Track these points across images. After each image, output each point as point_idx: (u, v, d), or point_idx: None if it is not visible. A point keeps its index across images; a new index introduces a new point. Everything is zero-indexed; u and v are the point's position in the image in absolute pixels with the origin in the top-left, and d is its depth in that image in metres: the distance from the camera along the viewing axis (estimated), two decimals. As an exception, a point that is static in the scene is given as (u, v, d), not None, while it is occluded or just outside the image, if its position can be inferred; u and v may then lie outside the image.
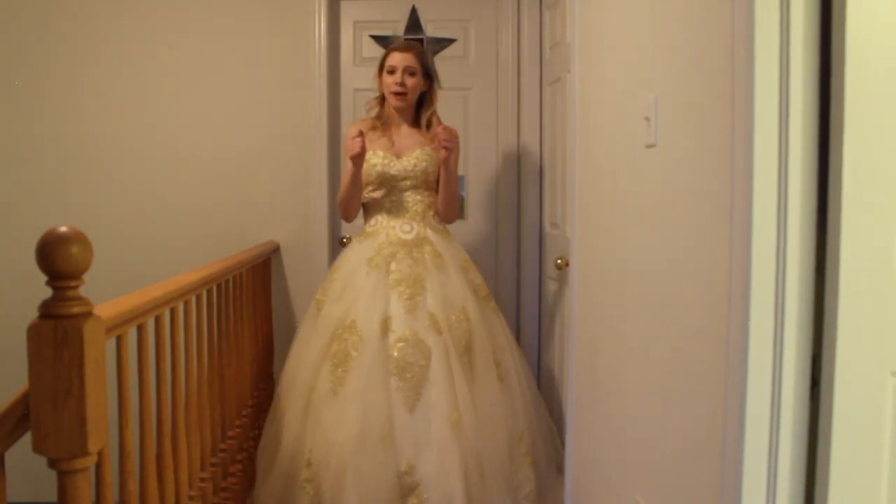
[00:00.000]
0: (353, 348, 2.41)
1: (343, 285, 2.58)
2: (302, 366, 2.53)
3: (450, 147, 2.53)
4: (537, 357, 3.27)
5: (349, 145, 2.50)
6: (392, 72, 2.62)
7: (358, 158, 2.51)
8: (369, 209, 2.72)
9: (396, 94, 2.62)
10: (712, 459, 1.31)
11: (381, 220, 2.65)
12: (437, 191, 2.71)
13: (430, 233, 2.64)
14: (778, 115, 1.17)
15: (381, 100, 2.72)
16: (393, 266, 2.53)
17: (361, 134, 2.48)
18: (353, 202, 2.66)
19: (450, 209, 2.71)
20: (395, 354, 2.39)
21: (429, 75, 2.67)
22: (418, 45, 2.73)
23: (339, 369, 2.41)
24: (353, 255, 2.64)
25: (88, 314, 1.20)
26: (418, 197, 2.66)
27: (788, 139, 1.16)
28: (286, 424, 2.46)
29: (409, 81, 2.62)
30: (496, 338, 2.60)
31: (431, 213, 2.68)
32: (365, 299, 2.48)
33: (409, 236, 2.60)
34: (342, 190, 2.65)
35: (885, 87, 1.12)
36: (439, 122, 2.71)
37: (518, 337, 3.33)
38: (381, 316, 2.45)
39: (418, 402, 2.36)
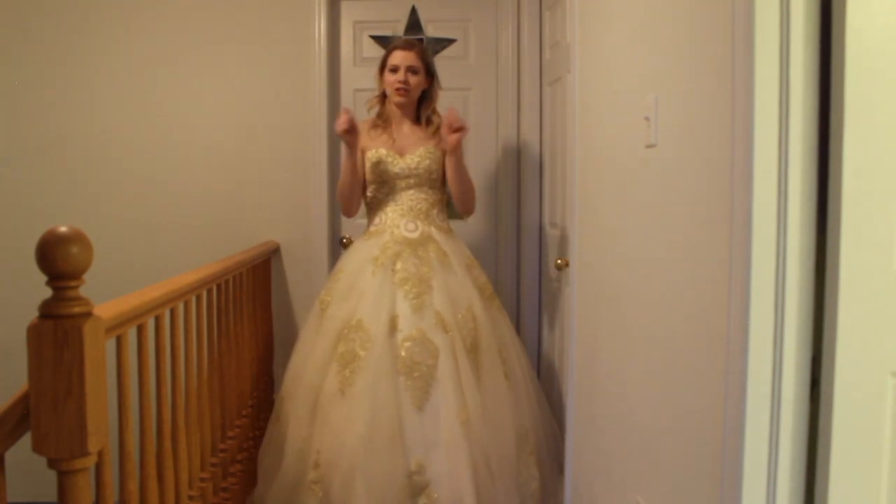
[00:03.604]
0: (361, 348, 2.40)
1: (348, 285, 2.56)
2: (307, 366, 2.51)
3: (463, 127, 2.49)
4: (537, 358, 3.27)
5: (337, 123, 2.45)
6: (395, 70, 2.63)
7: (348, 136, 2.47)
8: (372, 208, 2.71)
9: (399, 90, 2.62)
10: (712, 459, 1.31)
11: (384, 219, 2.64)
12: (441, 188, 2.71)
13: (434, 231, 2.63)
14: (778, 114, 1.17)
15: (382, 98, 2.72)
16: (398, 265, 2.52)
17: (347, 112, 2.44)
18: (353, 193, 2.64)
19: (468, 198, 2.68)
20: (403, 354, 2.38)
21: (430, 73, 2.69)
22: (420, 44, 2.74)
23: (347, 370, 2.39)
24: (358, 255, 2.62)
25: (88, 314, 1.20)
26: (422, 195, 2.65)
27: (788, 139, 1.16)
28: (292, 426, 2.45)
29: (413, 80, 2.63)
30: (501, 336, 2.60)
31: (435, 211, 2.68)
32: (371, 299, 2.47)
33: (414, 235, 2.59)
34: (341, 181, 2.63)
35: (885, 87, 1.12)
36: (439, 120, 2.71)
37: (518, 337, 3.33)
38: (387, 315, 2.43)
39: (427, 402, 2.35)
